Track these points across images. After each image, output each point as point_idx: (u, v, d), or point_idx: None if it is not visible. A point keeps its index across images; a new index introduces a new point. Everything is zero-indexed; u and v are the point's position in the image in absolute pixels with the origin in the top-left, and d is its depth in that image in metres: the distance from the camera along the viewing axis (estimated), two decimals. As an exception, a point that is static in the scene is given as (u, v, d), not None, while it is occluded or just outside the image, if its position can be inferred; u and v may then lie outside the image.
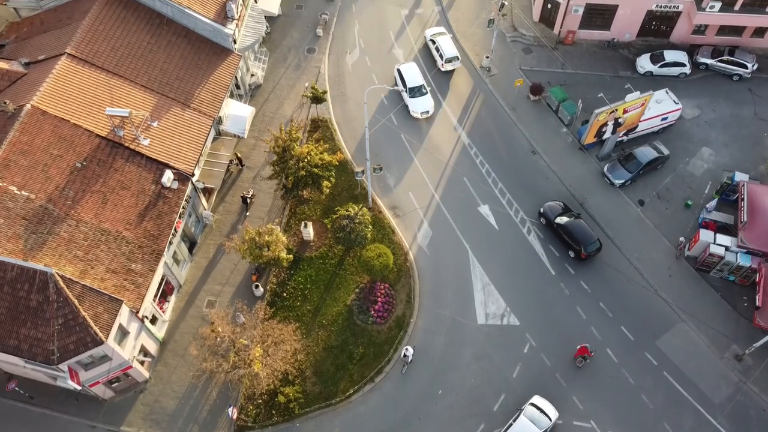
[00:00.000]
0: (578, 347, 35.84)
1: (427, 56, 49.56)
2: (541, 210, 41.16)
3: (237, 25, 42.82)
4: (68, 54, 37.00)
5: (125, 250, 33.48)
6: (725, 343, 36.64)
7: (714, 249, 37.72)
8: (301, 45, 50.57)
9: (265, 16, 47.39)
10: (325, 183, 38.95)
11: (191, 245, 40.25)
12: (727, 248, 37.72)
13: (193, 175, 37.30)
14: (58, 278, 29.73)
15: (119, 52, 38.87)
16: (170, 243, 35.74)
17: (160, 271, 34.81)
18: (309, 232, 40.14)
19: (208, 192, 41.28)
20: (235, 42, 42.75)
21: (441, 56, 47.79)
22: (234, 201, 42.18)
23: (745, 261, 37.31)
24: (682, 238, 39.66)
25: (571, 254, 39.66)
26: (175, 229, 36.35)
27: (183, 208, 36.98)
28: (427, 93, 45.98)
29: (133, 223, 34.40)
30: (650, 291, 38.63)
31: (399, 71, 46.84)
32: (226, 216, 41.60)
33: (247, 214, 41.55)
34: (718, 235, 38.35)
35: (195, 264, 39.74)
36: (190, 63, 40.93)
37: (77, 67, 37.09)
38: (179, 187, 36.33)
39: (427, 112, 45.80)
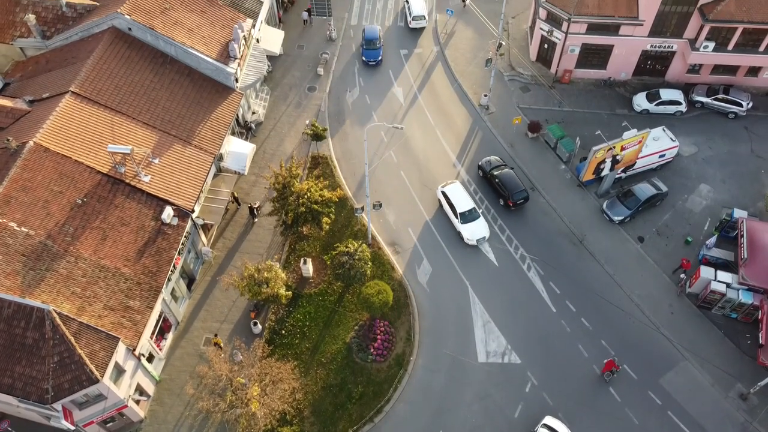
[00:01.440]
0: (605, 361, 35.80)
1: (426, 85, 50.29)
2: (480, 164, 44.99)
3: (239, 64, 43.52)
4: (72, 92, 37.46)
5: (123, 287, 33.29)
6: (729, 382, 36.16)
7: (715, 286, 37.56)
8: (302, 83, 51.34)
9: (267, 56, 48.22)
10: (325, 219, 39.00)
11: (190, 282, 40.05)
12: (728, 285, 37.58)
13: (193, 211, 37.38)
14: (55, 315, 29.47)
15: (122, 90, 39.40)
16: (169, 279, 35.58)
17: (158, 308, 34.56)
18: (308, 268, 40.00)
19: (207, 228, 41.29)
20: (237, 80, 43.40)
21: (409, 14, 54.58)
22: (232, 237, 42.16)
23: (746, 298, 37.09)
24: (682, 275, 39.53)
25: (501, 202, 43.39)
26: (174, 266, 36.23)
27: (182, 244, 36.93)
28: (479, 216, 41.78)
29: (132, 259, 34.29)
30: (652, 328, 38.29)
31: (444, 194, 42.57)
32: (225, 252, 41.52)
33: (255, 221, 42.48)
34: (719, 272, 38.22)
35: (193, 301, 39.49)
36: (192, 101, 41.44)
37: (80, 104, 37.51)
38: (179, 224, 36.35)
39: (484, 238, 41.22)
